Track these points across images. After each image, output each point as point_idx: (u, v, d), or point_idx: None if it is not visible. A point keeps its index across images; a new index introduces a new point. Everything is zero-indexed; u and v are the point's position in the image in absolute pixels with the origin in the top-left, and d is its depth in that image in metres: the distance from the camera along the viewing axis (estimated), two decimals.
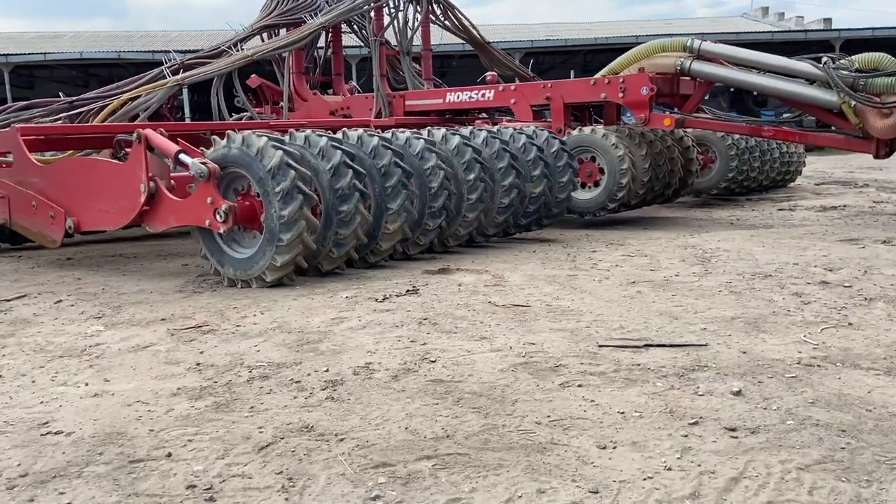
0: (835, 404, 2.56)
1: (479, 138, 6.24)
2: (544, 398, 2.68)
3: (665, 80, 7.82)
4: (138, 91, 7.76)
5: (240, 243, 5.01)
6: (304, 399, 2.74)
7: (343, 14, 9.60)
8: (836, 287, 4.35)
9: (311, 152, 5.01)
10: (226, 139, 4.94)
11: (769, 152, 10.67)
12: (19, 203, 5.90)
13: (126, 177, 5.16)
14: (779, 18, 33.24)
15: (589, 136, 7.59)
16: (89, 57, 26.48)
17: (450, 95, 9.13)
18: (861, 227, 6.99)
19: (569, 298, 4.25)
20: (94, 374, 3.11)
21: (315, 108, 9.83)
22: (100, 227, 5.69)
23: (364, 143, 5.40)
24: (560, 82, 8.56)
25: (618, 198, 7.46)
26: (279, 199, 4.62)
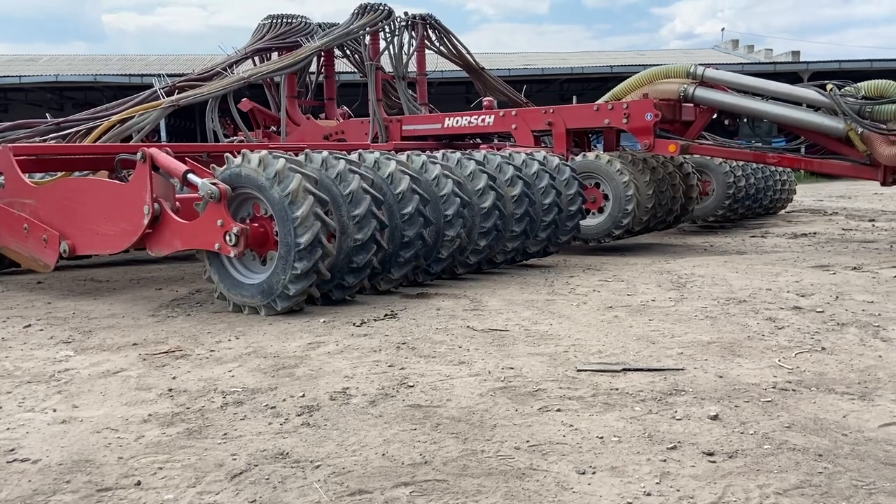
0: (811, 428, 2.57)
1: (492, 164, 6.11)
2: (523, 423, 2.66)
3: (668, 106, 7.84)
4: (131, 112, 7.64)
5: (249, 268, 4.79)
6: (279, 425, 2.70)
7: (339, 38, 9.66)
8: (808, 312, 4.41)
9: (329, 175, 4.84)
10: (240, 158, 4.71)
11: (763, 179, 10.83)
12: (10, 226, 5.67)
13: (128, 198, 4.93)
14: (748, 51, 34.09)
15: (593, 163, 7.57)
16: (65, 80, 26.28)
17: (448, 120, 9.12)
18: (832, 254, 7.11)
19: (547, 323, 4.25)
20: (63, 401, 3.03)
21: (308, 132, 9.80)
22: (98, 250, 5.45)
23: (381, 167, 5.24)
24: (562, 108, 8.56)
25: (623, 224, 7.43)
26: (297, 226, 4.43)
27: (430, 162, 5.62)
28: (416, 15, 10.12)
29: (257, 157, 4.64)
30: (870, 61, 27.65)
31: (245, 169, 4.64)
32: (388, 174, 5.20)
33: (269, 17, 10.17)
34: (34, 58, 32.86)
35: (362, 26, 9.69)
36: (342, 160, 4.94)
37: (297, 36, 9.84)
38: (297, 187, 4.48)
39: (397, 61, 9.87)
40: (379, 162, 5.29)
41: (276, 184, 4.50)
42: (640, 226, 7.78)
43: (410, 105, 9.99)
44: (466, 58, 10.73)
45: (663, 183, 8.00)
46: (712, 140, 9.05)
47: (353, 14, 9.94)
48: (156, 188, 4.78)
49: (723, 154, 8.63)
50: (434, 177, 5.49)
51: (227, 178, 4.70)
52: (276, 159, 4.59)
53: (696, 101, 7.84)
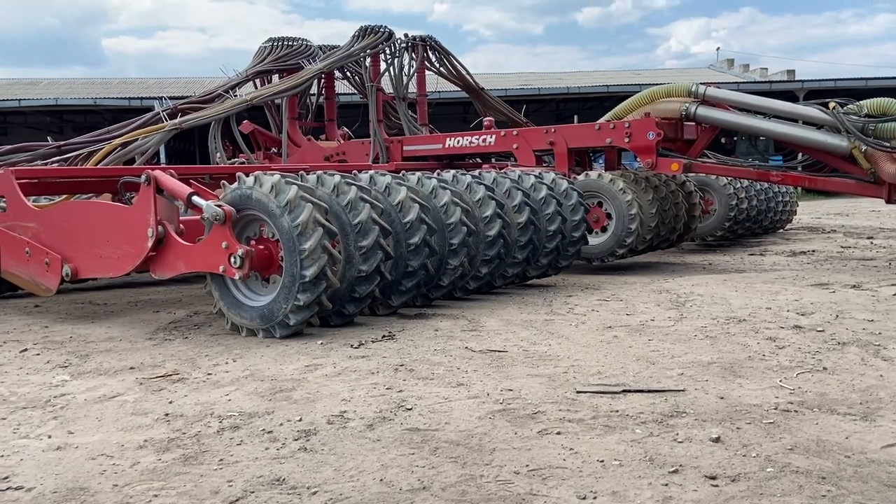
0: (813, 451, 2.55)
1: (501, 188, 6.03)
2: (523, 446, 2.63)
3: (669, 124, 7.84)
4: (134, 135, 7.65)
5: (251, 288, 4.73)
6: (276, 450, 2.67)
7: (341, 60, 9.73)
8: (809, 331, 4.39)
9: (339, 202, 4.75)
10: (252, 180, 4.63)
11: (766, 197, 10.83)
12: (11, 249, 5.60)
13: (132, 221, 4.89)
14: (744, 70, 34.36)
15: (596, 182, 7.53)
16: (65, 103, 26.41)
17: (450, 141, 9.12)
18: (831, 272, 7.10)
19: (546, 343, 4.23)
20: (58, 426, 3.00)
21: (309, 153, 9.81)
22: (100, 274, 5.38)
23: (391, 193, 5.16)
24: (564, 127, 8.57)
25: (627, 243, 7.38)
26: (304, 258, 4.36)
27: (440, 187, 5.50)
28: (417, 36, 10.21)
29: (270, 183, 4.54)
30: (864, 80, 27.85)
31: (256, 192, 4.58)
32: (398, 202, 5.12)
33: (269, 40, 10.25)
34: (34, 81, 33.06)
35: (363, 48, 9.77)
36: (354, 187, 4.85)
37: (298, 58, 9.92)
38: (307, 219, 4.40)
39: (398, 82, 9.93)
40: (390, 187, 5.20)
41: (287, 212, 4.43)
42: (643, 245, 7.74)
43: (411, 125, 10.02)
44: (466, 78, 10.80)
45: (666, 202, 7.97)
46: (714, 158, 9.07)
47: (354, 36, 10.02)
48: (160, 211, 4.75)
49: (726, 172, 8.61)
50: (443, 203, 5.41)
51: (235, 198, 4.64)
52: (289, 186, 4.50)
53: (698, 119, 7.83)
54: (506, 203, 5.95)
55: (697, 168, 8.02)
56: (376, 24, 10.07)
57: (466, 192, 5.75)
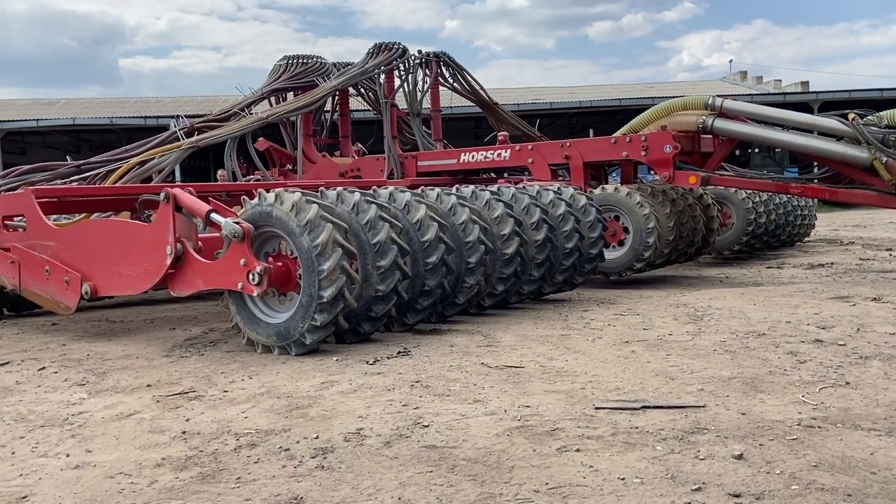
0: (838, 467, 2.50)
1: (520, 204, 5.98)
2: (542, 464, 2.60)
3: (686, 137, 7.78)
4: (151, 153, 7.71)
5: (269, 305, 4.72)
6: (293, 468, 2.65)
7: (356, 77, 9.77)
8: (830, 345, 4.33)
9: (358, 220, 4.73)
10: (273, 197, 4.61)
11: (784, 210, 10.71)
12: (31, 268, 5.62)
13: (151, 238, 4.90)
14: (757, 82, 34.25)
15: (612, 195, 7.48)
16: (82, 123, 26.78)
17: (464, 156, 9.13)
18: (850, 285, 7.01)
19: (562, 359, 4.20)
20: (76, 445, 3.01)
21: (324, 169, 9.85)
22: (119, 291, 5.40)
23: (410, 210, 5.11)
24: (579, 141, 8.53)
25: (644, 257, 7.33)
26: (322, 278, 4.34)
27: (459, 204, 5.46)
28: (430, 53, 10.25)
29: (291, 201, 4.52)
30: (880, 90, 27.68)
31: (277, 210, 4.57)
32: (417, 220, 5.07)
33: (284, 57, 10.32)
34: (52, 101, 33.57)
35: (377, 65, 9.79)
36: (373, 206, 4.80)
37: (313, 76, 9.98)
38: (327, 239, 4.39)
39: (412, 98, 9.96)
40: (409, 205, 5.15)
41: (307, 232, 4.41)
42: (661, 258, 7.67)
43: (425, 141, 10.04)
44: (480, 93, 10.82)
45: (684, 215, 7.90)
46: (732, 171, 8.99)
47: (369, 53, 10.05)
48: (179, 228, 4.76)
49: (744, 185, 8.53)
50: (461, 221, 5.37)
51: (254, 216, 4.64)
52: (309, 205, 4.49)
53: (715, 132, 7.77)
54: (524, 220, 5.91)
55: (715, 181, 7.94)
56: (390, 41, 10.10)
57: (485, 208, 5.71)
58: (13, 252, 5.75)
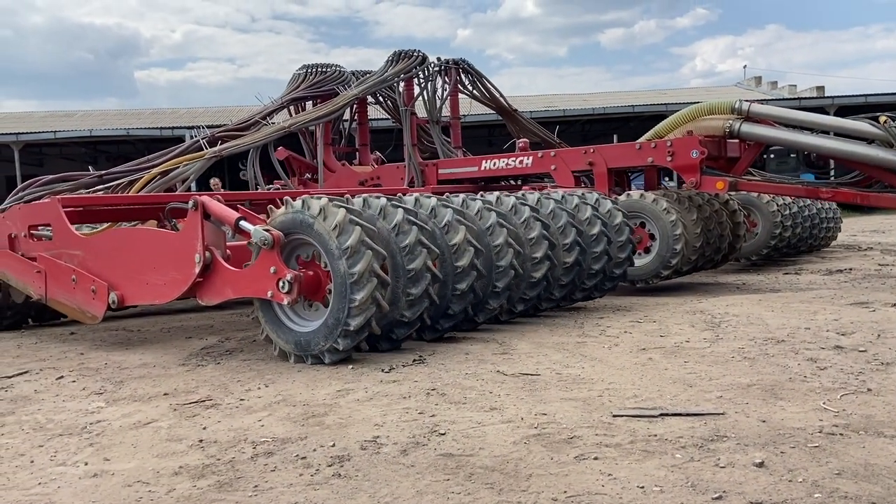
0: (862, 475, 2.46)
1: (546, 209, 5.92)
2: (559, 472, 2.58)
3: (712, 142, 7.67)
4: (175, 163, 7.72)
5: (300, 315, 4.65)
6: (310, 476, 2.65)
7: (376, 85, 9.77)
8: (850, 352, 4.27)
9: (397, 244, 4.65)
10: (300, 204, 4.55)
11: (809, 214, 10.58)
12: (57, 277, 5.59)
13: (179, 246, 4.85)
14: (772, 87, 34.03)
15: (638, 202, 7.38)
16: (98, 134, 27.07)
17: (485, 163, 9.07)
18: (869, 291, 6.93)
19: (579, 366, 4.17)
20: (94, 453, 3.02)
21: (344, 178, 9.84)
22: (147, 301, 5.34)
23: (438, 215, 5.04)
24: (604, 147, 8.46)
25: (671, 265, 7.23)
26: (354, 282, 4.29)
27: (485, 209, 5.37)
28: (450, 60, 10.21)
29: (334, 221, 4.38)
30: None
31: (319, 225, 4.44)
32: (445, 224, 4.98)
33: (303, 67, 10.34)
34: (69, 113, 34.00)
35: (397, 73, 9.77)
36: (414, 228, 4.71)
37: (332, 84, 9.98)
38: (365, 268, 4.29)
39: (431, 106, 9.91)
40: (436, 210, 5.07)
41: (346, 257, 4.32)
42: (688, 266, 7.56)
43: (445, 149, 10.00)
44: (499, 100, 10.77)
45: (710, 221, 7.77)
46: (759, 176, 8.86)
47: (388, 61, 10.03)
48: (207, 236, 4.72)
49: (772, 190, 8.38)
50: (489, 225, 5.28)
51: (284, 223, 4.56)
52: (353, 226, 4.36)
53: (742, 136, 7.64)
54: (551, 224, 5.84)
55: (743, 186, 7.79)
56: (410, 49, 10.07)
57: (511, 213, 5.65)
58: (39, 261, 5.74)
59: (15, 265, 5.97)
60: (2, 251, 6.07)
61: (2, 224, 6.14)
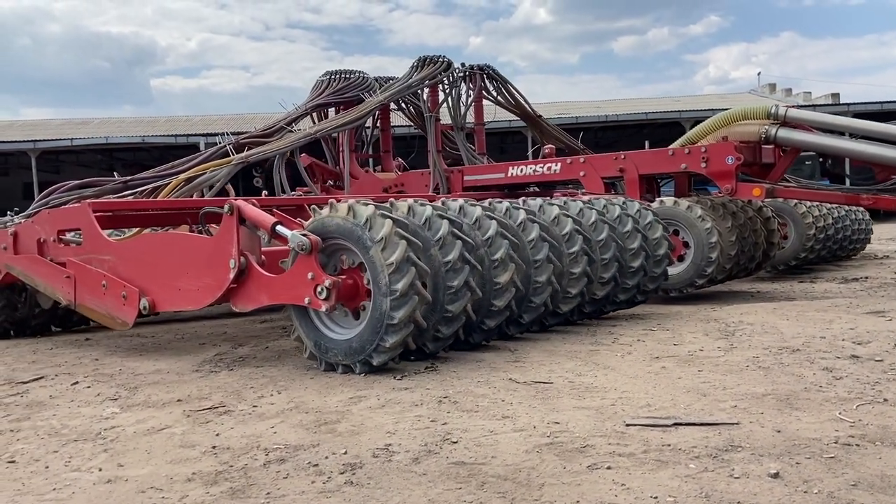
0: (878, 486, 2.43)
1: (588, 220, 5.76)
2: (572, 482, 2.57)
3: (747, 148, 7.54)
4: (201, 168, 7.73)
5: (336, 321, 4.54)
6: (322, 484, 2.65)
7: (402, 91, 9.67)
8: (867, 361, 4.23)
9: (429, 236, 4.52)
10: (345, 211, 4.43)
11: (842, 221, 10.43)
12: (87, 283, 5.53)
13: (213, 252, 4.77)
14: (786, 94, 33.85)
15: (672, 209, 7.25)
16: (115, 142, 27.36)
17: (512, 170, 8.97)
18: (886, 300, 6.86)
19: (591, 375, 4.15)
20: (109, 459, 3.04)
21: (367, 184, 9.79)
22: (179, 306, 5.25)
23: (482, 227, 4.92)
24: (635, 153, 8.34)
25: (707, 273, 7.10)
26: (393, 300, 4.18)
27: (528, 220, 5.25)
28: (474, 66, 10.16)
29: (365, 215, 4.30)
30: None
31: (349, 223, 4.34)
32: (488, 238, 4.86)
33: (327, 73, 10.33)
34: (85, 121, 34.39)
35: (423, 79, 9.68)
36: (444, 222, 4.58)
37: (356, 90, 9.94)
38: (401, 258, 4.18)
39: (455, 112, 9.84)
40: (480, 221, 4.93)
41: (380, 249, 4.21)
42: (723, 274, 7.44)
43: (470, 155, 9.96)
44: (524, 107, 10.66)
45: (745, 229, 7.65)
46: (795, 182, 8.73)
47: (413, 67, 9.97)
48: (242, 241, 4.65)
49: (810, 197, 8.21)
50: (531, 239, 5.17)
51: (316, 229, 4.45)
52: (384, 220, 4.24)
53: (779, 142, 7.50)
54: (592, 238, 5.69)
55: (780, 193, 7.65)
56: (435, 55, 9.98)
57: (553, 224, 5.51)
58: (69, 266, 5.68)
59: (44, 270, 5.93)
60: (31, 256, 6.05)
61: (30, 229, 6.11)
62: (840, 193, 7.93)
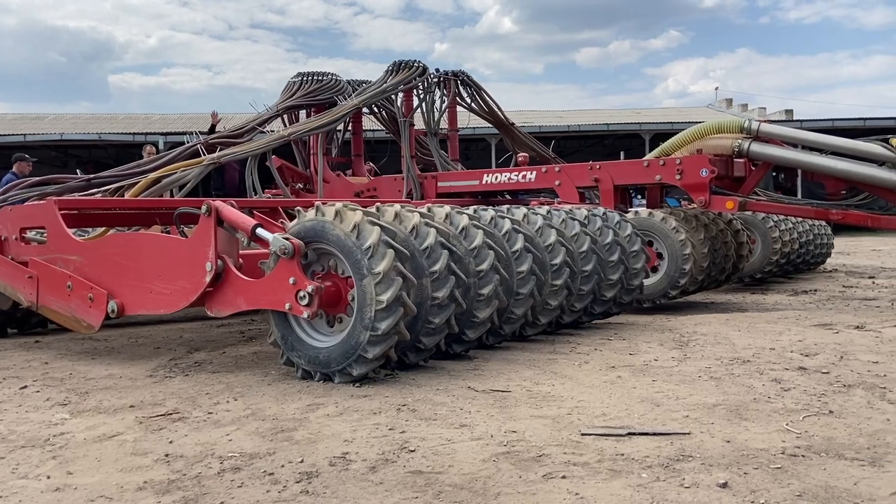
0: (822, 497, 2.51)
1: (571, 231, 5.77)
2: (527, 490, 2.60)
3: (720, 161, 7.66)
4: (171, 168, 7.57)
5: (318, 330, 4.43)
6: (277, 493, 2.63)
7: (377, 95, 9.61)
8: (814, 373, 4.36)
9: (416, 245, 4.43)
10: (332, 212, 4.31)
11: (806, 234, 10.68)
12: (51, 283, 5.30)
13: (188, 253, 4.60)
14: (742, 109, 34.72)
15: (647, 220, 7.32)
16: (70, 138, 26.68)
17: (487, 177, 8.97)
18: (833, 312, 7.08)
19: (549, 383, 4.20)
20: (57, 466, 2.97)
21: (339, 188, 9.68)
22: (150, 310, 4.99)
23: (468, 237, 4.85)
24: (610, 163, 8.40)
25: (680, 284, 7.20)
26: (378, 310, 4.06)
27: (513, 231, 5.22)
28: (449, 72, 10.18)
29: (352, 222, 4.17)
30: (862, 119, 28.19)
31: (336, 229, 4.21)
32: (475, 247, 4.80)
33: (299, 74, 10.22)
34: (40, 117, 33.46)
35: (397, 83, 9.65)
36: (431, 230, 4.50)
37: (329, 93, 9.87)
38: (387, 267, 4.06)
39: (430, 118, 9.83)
40: (467, 230, 4.88)
41: (368, 258, 4.10)
42: (695, 286, 7.56)
43: (443, 161, 9.94)
44: (497, 114, 10.69)
45: (717, 241, 7.79)
46: (766, 196, 8.91)
47: (388, 71, 9.94)
48: (220, 243, 4.47)
49: (781, 210, 8.36)
50: (515, 250, 5.14)
51: (298, 233, 4.33)
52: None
53: (751, 156, 7.63)
54: (574, 249, 5.70)
55: (752, 206, 7.79)
56: (410, 59, 9.99)
57: (537, 234, 5.47)
58: (31, 266, 5.46)
59: (4, 270, 5.70)
60: None
61: None
62: (810, 208, 8.09)
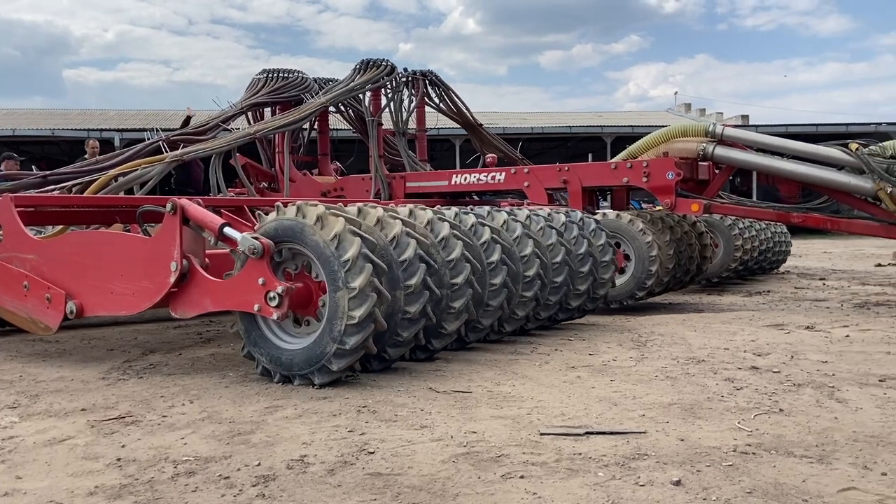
0: (772, 494, 2.58)
1: (536, 226, 5.82)
2: (486, 491, 2.61)
3: (685, 164, 7.78)
4: (132, 165, 7.37)
5: (284, 329, 4.34)
6: (232, 497, 2.60)
7: (344, 94, 9.49)
8: (765, 372, 4.47)
9: (394, 256, 4.35)
10: (294, 211, 4.23)
11: (767, 236, 10.92)
12: (6, 283, 5.10)
13: (152, 253, 4.47)
14: (700, 114, 35.46)
15: (614, 222, 7.40)
16: (22, 134, 25.95)
17: (456, 178, 8.97)
18: (785, 313, 7.27)
19: (510, 384, 4.23)
20: (6, 471, 2.88)
21: (305, 188, 9.55)
22: (111, 311, 4.87)
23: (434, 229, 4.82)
24: (579, 165, 8.46)
25: (647, 285, 7.29)
26: (351, 298, 4.00)
27: (479, 223, 5.21)
28: (417, 71, 10.13)
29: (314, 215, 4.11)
30: (815, 125, 29.02)
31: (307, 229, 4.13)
32: (442, 238, 4.78)
33: (264, 71, 10.05)
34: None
35: (365, 83, 9.56)
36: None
37: (295, 91, 9.75)
38: (365, 282, 4.00)
39: (398, 117, 9.77)
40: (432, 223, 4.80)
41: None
42: (661, 287, 7.68)
43: (411, 162, 9.88)
44: (466, 115, 10.69)
45: (682, 243, 7.92)
46: (729, 199, 9.07)
47: (355, 70, 9.83)
48: (186, 242, 4.35)
49: (744, 213, 8.52)
50: (483, 241, 5.15)
51: (268, 232, 4.23)
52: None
53: (716, 159, 7.77)
54: (548, 261, 5.75)
55: (716, 209, 7.93)
56: (378, 58, 9.91)
57: (503, 228, 5.52)
58: None
59: None
60: None
61: None
62: (772, 211, 8.29)
